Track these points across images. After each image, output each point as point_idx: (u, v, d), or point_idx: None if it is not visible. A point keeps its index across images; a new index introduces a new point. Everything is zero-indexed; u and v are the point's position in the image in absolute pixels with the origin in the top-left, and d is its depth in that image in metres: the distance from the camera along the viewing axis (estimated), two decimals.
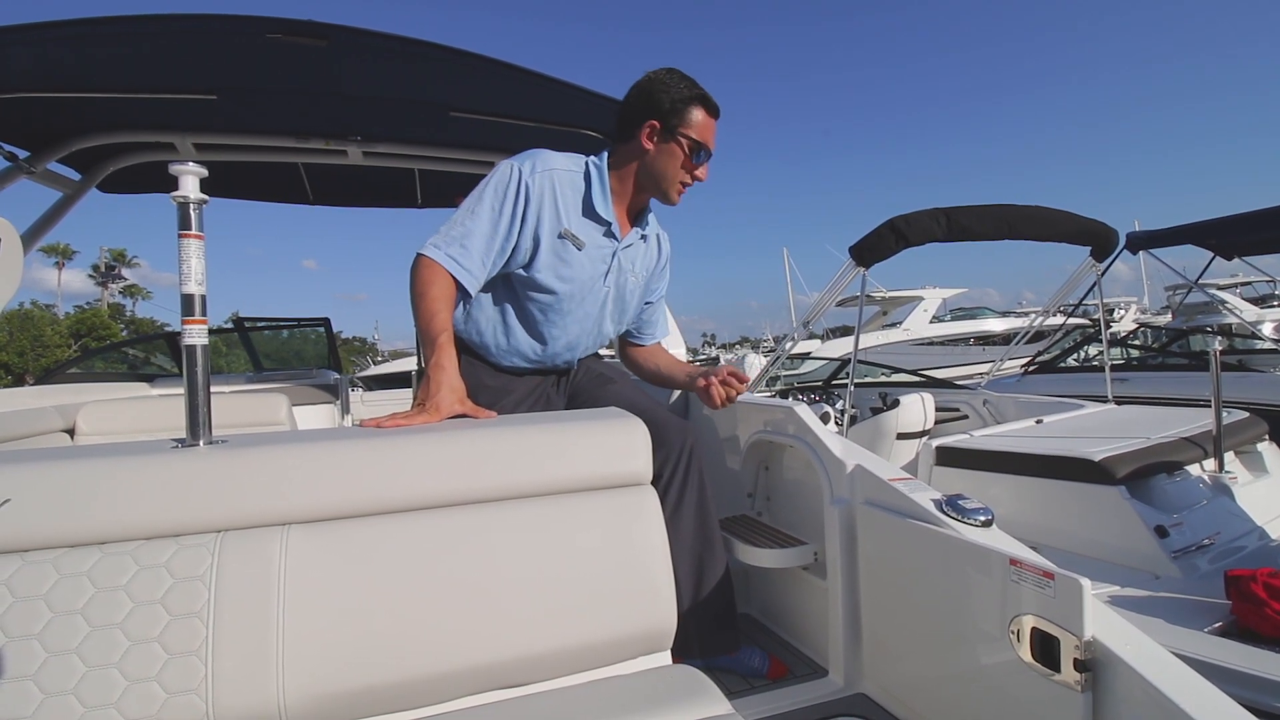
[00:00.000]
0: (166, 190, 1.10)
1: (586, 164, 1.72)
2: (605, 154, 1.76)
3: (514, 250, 1.63)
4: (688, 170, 1.70)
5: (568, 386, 1.91)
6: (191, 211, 1.10)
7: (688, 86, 1.66)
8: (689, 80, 1.68)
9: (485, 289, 1.71)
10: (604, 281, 1.76)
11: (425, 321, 1.49)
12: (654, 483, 1.45)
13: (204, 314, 1.12)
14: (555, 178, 1.64)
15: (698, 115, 1.67)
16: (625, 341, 2.06)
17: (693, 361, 2.85)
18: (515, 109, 2.60)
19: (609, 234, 1.74)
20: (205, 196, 1.11)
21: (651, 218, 1.87)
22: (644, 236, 1.85)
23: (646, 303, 1.98)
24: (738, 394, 1.71)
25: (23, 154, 2.51)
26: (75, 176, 2.81)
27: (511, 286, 1.72)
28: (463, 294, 1.60)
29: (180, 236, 1.10)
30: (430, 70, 2.30)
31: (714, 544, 1.70)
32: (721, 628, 1.70)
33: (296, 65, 2.20)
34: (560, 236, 1.65)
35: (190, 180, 1.10)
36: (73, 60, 2.07)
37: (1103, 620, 1.01)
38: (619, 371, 2.02)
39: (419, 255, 1.56)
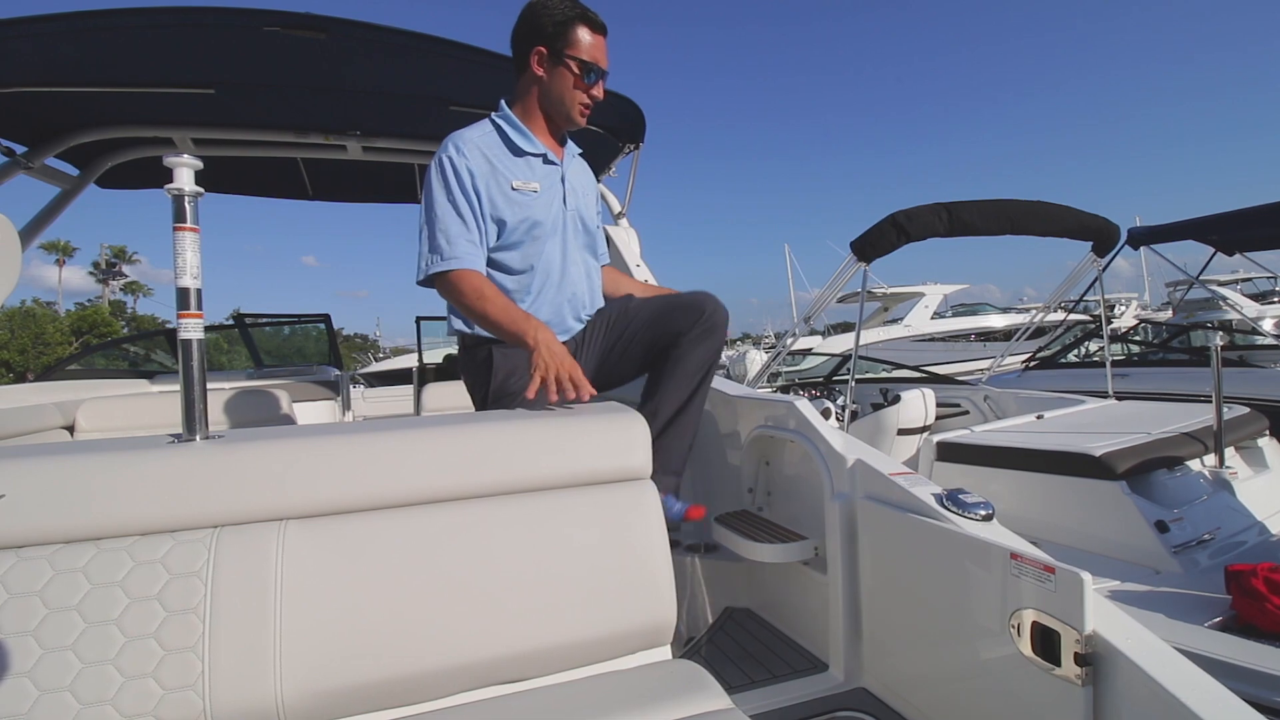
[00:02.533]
0: (164, 185, 1.10)
1: (492, 119, 1.74)
2: (503, 102, 1.77)
3: (483, 228, 1.65)
4: (582, 90, 1.71)
5: (594, 346, 1.90)
6: (186, 204, 1.09)
7: (569, 6, 1.66)
8: (571, 0, 1.67)
9: None
10: (565, 205, 1.78)
11: (502, 313, 1.54)
12: (676, 338, 1.70)
13: (200, 308, 1.12)
14: (479, 145, 1.66)
15: (583, 34, 1.66)
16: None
17: None
18: None
19: (547, 161, 1.75)
20: (200, 189, 1.11)
21: (572, 146, 1.88)
22: (578, 156, 1.87)
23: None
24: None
25: (20, 149, 2.50)
26: (73, 172, 2.81)
27: (500, 271, 1.73)
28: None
29: (175, 229, 1.09)
30: (430, 64, 2.29)
31: (695, 406, 1.79)
32: (662, 473, 1.68)
33: (295, 59, 2.19)
34: (514, 189, 1.68)
35: (185, 173, 1.09)
36: (70, 55, 2.06)
37: (1104, 614, 1.01)
38: (625, 299, 2.01)
39: (437, 276, 1.60)
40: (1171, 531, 2.30)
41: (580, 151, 1.92)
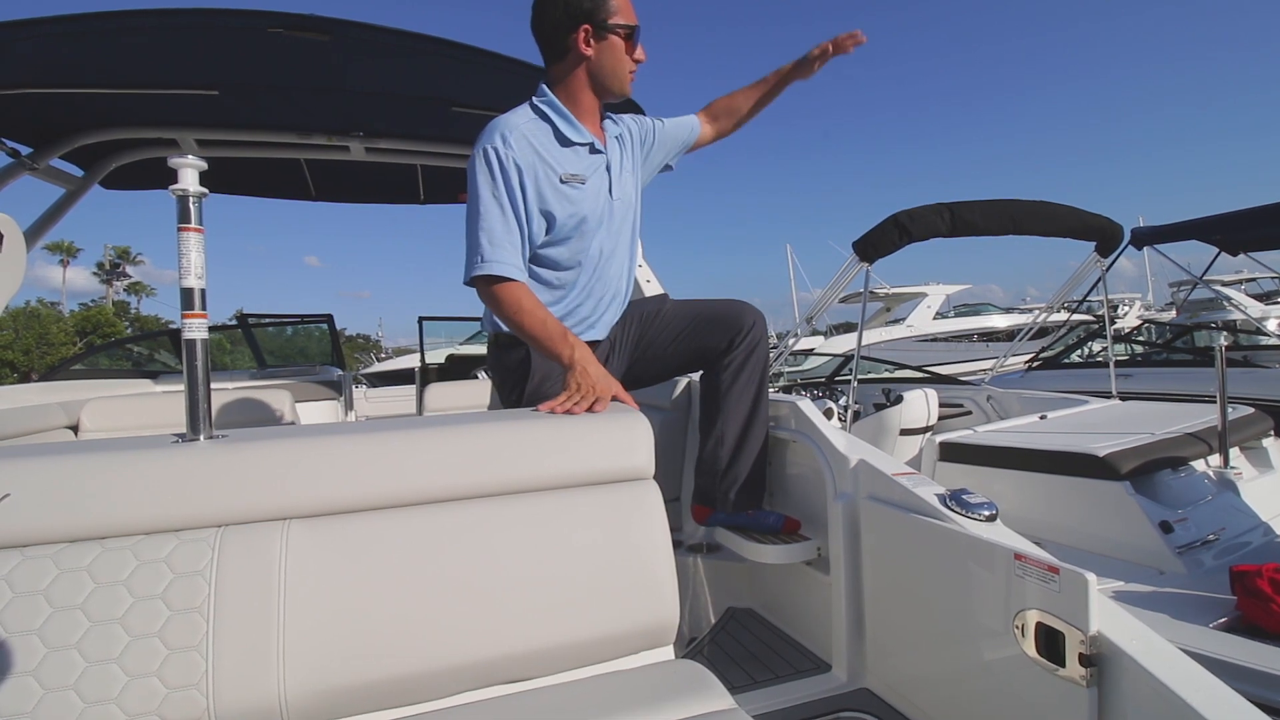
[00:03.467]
0: (168, 186, 1.10)
1: (533, 105, 1.69)
2: (542, 86, 1.72)
3: (530, 225, 1.61)
4: (630, 56, 1.69)
5: (625, 346, 1.90)
6: (191, 204, 1.09)
7: None
8: None
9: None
10: (611, 195, 1.75)
11: (540, 330, 1.52)
12: (723, 355, 1.75)
13: (204, 308, 1.12)
14: (526, 135, 1.61)
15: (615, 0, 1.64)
16: (701, 124, 2.03)
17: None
18: (518, 103, 2.59)
19: (594, 150, 1.72)
20: (204, 190, 1.11)
21: (608, 120, 1.84)
22: (618, 136, 1.83)
23: (664, 151, 1.97)
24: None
25: (25, 150, 2.51)
26: (78, 173, 2.82)
27: (545, 266, 1.71)
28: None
29: (180, 230, 1.09)
30: (433, 65, 2.30)
31: (761, 419, 1.86)
32: (749, 490, 1.88)
33: (299, 60, 2.19)
34: (563, 182, 1.64)
35: (189, 173, 1.09)
36: (75, 56, 2.07)
37: (1108, 615, 1.00)
38: (660, 298, 2.02)
39: (481, 279, 1.55)
40: (1176, 532, 2.29)
41: (614, 123, 1.85)
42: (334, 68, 2.26)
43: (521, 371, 1.71)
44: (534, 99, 1.70)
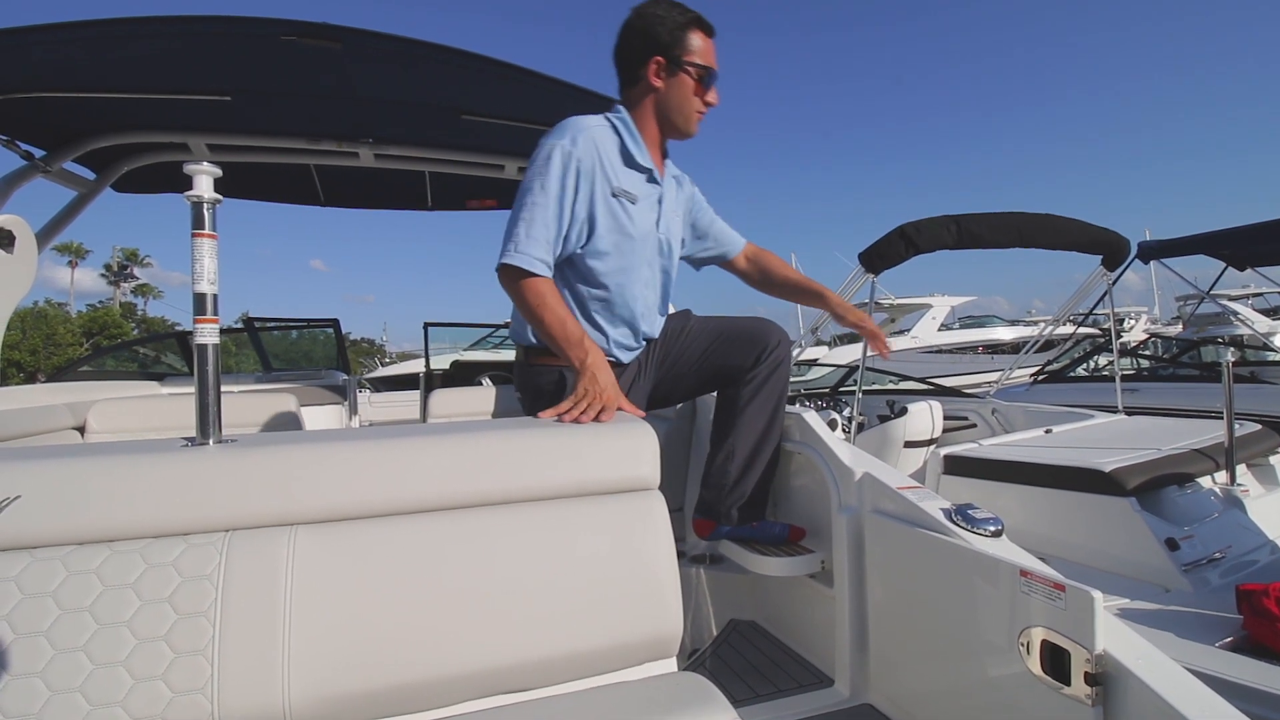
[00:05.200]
0: (179, 190, 1.11)
1: (610, 119, 1.70)
2: (619, 106, 1.73)
3: (571, 227, 1.61)
4: (700, 97, 1.69)
5: (651, 365, 1.90)
6: (205, 211, 1.10)
7: (680, 12, 1.64)
8: (679, 5, 1.65)
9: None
10: (657, 229, 1.75)
11: (558, 328, 1.51)
12: (747, 371, 1.77)
13: (215, 313, 1.13)
14: (595, 141, 1.62)
15: (697, 40, 1.65)
16: (729, 266, 2.09)
17: None
18: (526, 112, 2.61)
19: (651, 179, 1.73)
20: (219, 196, 1.12)
21: (669, 162, 1.86)
22: (675, 178, 1.84)
23: (698, 236, 2.01)
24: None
25: (39, 153, 2.53)
26: (90, 176, 2.84)
27: (577, 276, 1.70)
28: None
29: (194, 236, 1.10)
30: (442, 73, 2.31)
31: (774, 436, 1.87)
32: (752, 503, 1.89)
33: (310, 67, 2.21)
34: (614, 195, 1.64)
35: (204, 180, 1.10)
36: (90, 61, 2.09)
37: (1114, 633, 1.00)
38: (683, 314, 2.02)
39: (510, 267, 1.53)
40: (1182, 549, 2.27)
41: (677, 174, 1.89)
42: (345, 75, 2.28)
43: (555, 394, 1.65)
44: (610, 114, 1.72)
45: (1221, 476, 2.65)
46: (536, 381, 1.73)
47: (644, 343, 1.85)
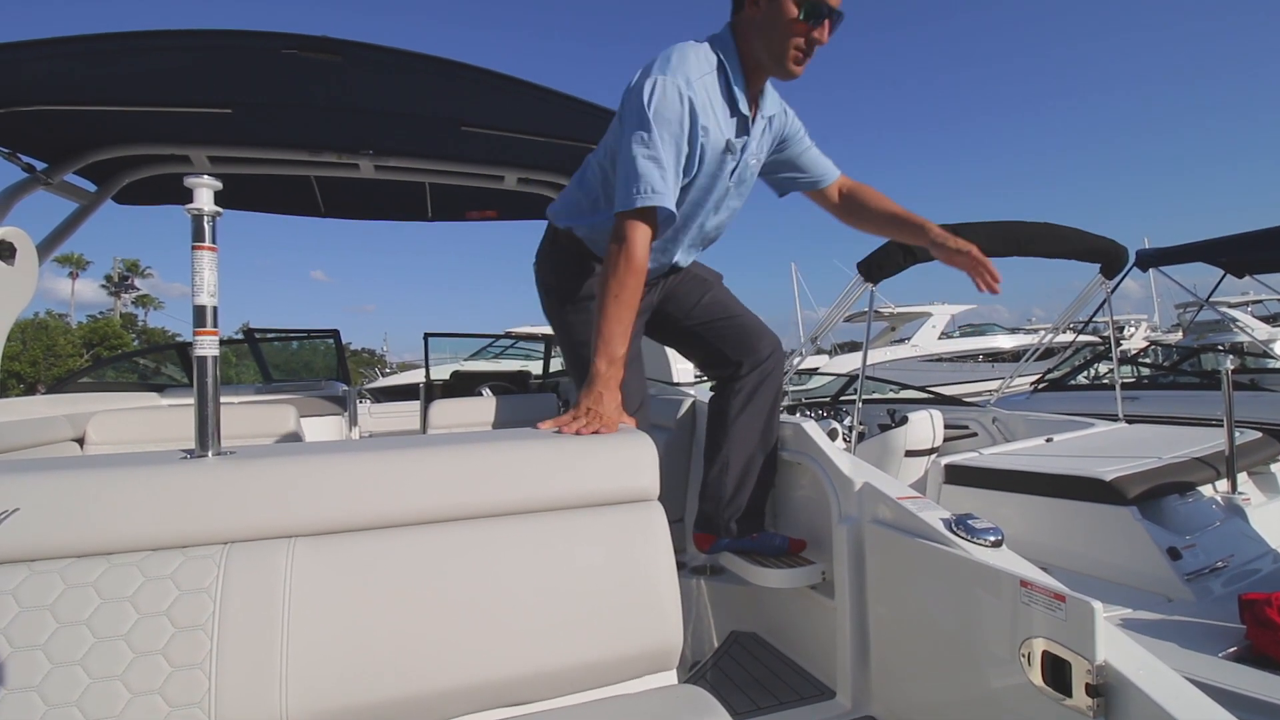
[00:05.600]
0: (180, 202, 1.12)
1: (717, 56, 1.52)
2: (728, 30, 1.56)
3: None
4: (800, 33, 1.46)
5: (664, 287, 1.87)
6: (205, 224, 1.11)
7: None
8: None
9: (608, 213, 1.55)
10: (730, 178, 1.63)
11: (617, 324, 1.42)
12: (734, 379, 1.75)
13: (215, 325, 1.14)
14: (705, 83, 1.48)
15: None
16: (819, 197, 1.90)
17: (698, 380, 2.85)
18: (526, 124, 2.62)
19: (740, 130, 1.58)
20: (219, 209, 1.13)
21: (771, 95, 1.68)
22: (770, 118, 1.67)
23: (787, 168, 1.83)
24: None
25: (41, 165, 2.54)
26: (91, 188, 2.85)
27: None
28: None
29: (194, 248, 1.11)
30: (442, 85, 2.33)
31: (768, 447, 1.85)
32: (750, 515, 1.88)
33: (311, 80, 2.23)
34: (725, 151, 1.53)
35: (205, 193, 1.11)
36: (91, 74, 2.10)
37: (1115, 644, 0.99)
38: (713, 274, 1.96)
39: (643, 211, 1.40)
40: (1184, 558, 2.27)
41: (773, 113, 1.69)
42: (345, 88, 2.29)
43: (577, 272, 1.64)
44: (717, 45, 1.54)
45: (1223, 485, 2.65)
46: (567, 257, 1.72)
47: (669, 267, 1.81)
